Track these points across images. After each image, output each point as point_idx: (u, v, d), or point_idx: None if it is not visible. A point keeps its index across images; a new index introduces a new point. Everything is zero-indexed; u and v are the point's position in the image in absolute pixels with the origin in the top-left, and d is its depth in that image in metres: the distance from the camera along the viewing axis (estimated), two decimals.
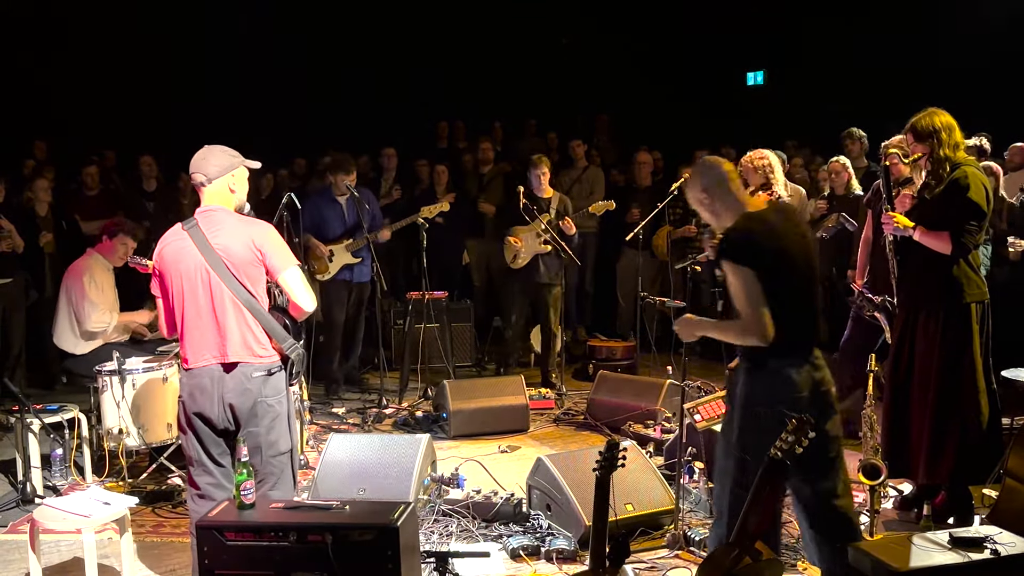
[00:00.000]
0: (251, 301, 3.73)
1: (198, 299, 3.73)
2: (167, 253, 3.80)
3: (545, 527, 4.69)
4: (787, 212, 3.64)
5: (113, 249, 6.41)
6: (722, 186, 3.55)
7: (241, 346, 3.73)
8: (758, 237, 3.43)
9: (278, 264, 3.78)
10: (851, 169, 7.30)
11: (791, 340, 3.42)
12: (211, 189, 3.81)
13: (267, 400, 3.77)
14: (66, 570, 4.46)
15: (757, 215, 3.51)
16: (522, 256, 7.58)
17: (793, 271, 3.46)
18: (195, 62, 10.43)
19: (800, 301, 3.48)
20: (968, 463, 4.53)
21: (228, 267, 3.71)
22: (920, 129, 4.49)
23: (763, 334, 3.38)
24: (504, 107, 11.05)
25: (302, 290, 3.81)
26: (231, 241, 3.73)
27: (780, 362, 3.42)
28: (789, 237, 3.47)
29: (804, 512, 3.58)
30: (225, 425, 3.77)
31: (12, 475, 5.61)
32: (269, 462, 3.80)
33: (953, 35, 9.28)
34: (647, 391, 6.52)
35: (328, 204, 7.43)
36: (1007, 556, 3.26)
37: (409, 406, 7.18)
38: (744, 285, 3.38)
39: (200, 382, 3.75)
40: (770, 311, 3.36)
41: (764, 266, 3.37)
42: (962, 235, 4.39)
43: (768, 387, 3.43)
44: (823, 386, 3.46)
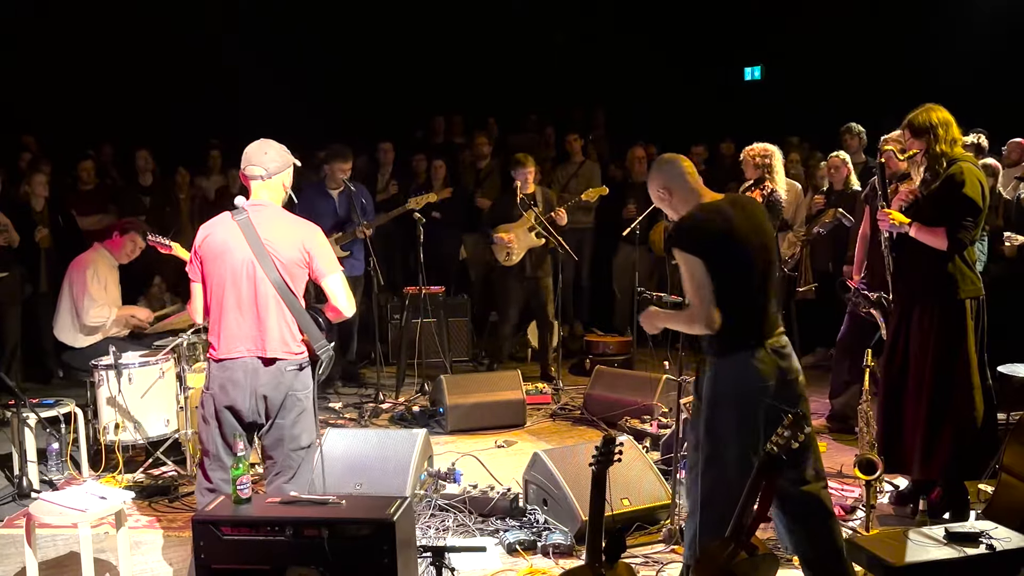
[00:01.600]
0: (292, 299, 3.76)
1: (240, 290, 3.74)
2: (213, 240, 3.79)
3: (542, 522, 4.69)
4: (743, 202, 3.64)
5: (121, 246, 6.42)
6: (681, 181, 3.59)
7: (279, 342, 3.75)
8: (708, 226, 3.45)
9: (324, 268, 3.82)
10: (850, 164, 7.30)
11: (749, 329, 3.44)
12: (267, 184, 3.84)
13: (297, 394, 3.79)
14: (62, 564, 4.46)
15: (710, 205, 3.53)
16: (516, 253, 7.59)
17: (746, 260, 3.46)
18: (192, 56, 10.39)
19: (756, 290, 3.48)
20: (962, 459, 4.54)
21: (275, 263, 3.72)
22: (917, 125, 4.49)
23: (708, 322, 3.41)
24: (501, 102, 11.04)
25: (344, 295, 3.85)
26: (281, 239, 3.75)
27: (741, 352, 3.43)
28: (742, 226, 3.47)
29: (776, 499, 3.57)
30: (255, 418, 3.78)
31: (8, 469, 5.60)
32: (289, 455, 3.81)
33: (951, 30, 9.29)
34: (643, 386, 6.53)
35: (321, 197, 7.38)
36: (1002, 551, 3.28)
37: (406, 401, 7.18)
38: (692, 273, 3.42)
39: (233, 375, 3.74)
40: (722, 300, 3.38)
41: (714, 255, 3.40)
42: (958, 231, 4.40)
43: (732, 378, 3.44)
44: (790, 375, 3.47)
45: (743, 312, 3.44)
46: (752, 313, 3.46)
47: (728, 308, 3.41)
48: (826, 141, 8.54)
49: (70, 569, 4.36)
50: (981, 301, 4.54)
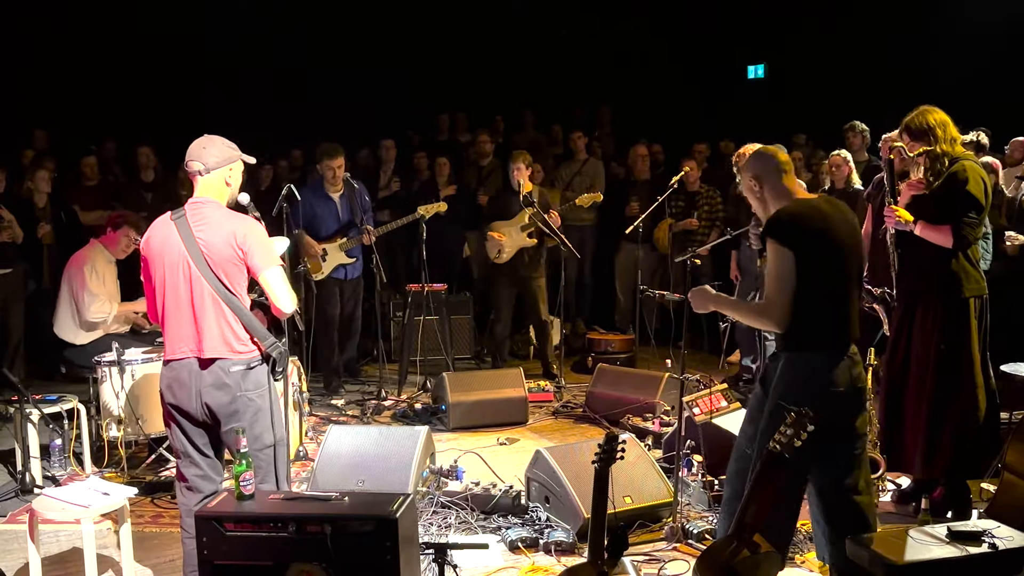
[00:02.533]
0: (230, 297, 3.69)
1: (178, 291, 3.71)
2: (153, 242, 3.78)
3: (544, 519, 4.69)
4: (838, 204, 3.59)
5: (116, 241, 6.41)
6: (775, 175, 3.55)
7: (219, 341, 3.70)
8: (806, 221, 3.40)
9: (259, 263, 3.72)
10: (851, 163, 7.28)
11: (829, 332, 3.41)
12: (207, 180, 3.77)
13: (247, 394, 3.73)
14: (65, 560, 4.46)
15: (808, 202, 3.50)
16: (507, 251, 7.60)
17: (838, 262, 3.43)
18: (195, 52, 10.40)
19: (841, 294, 3.45)
20: (965, 458, 4.54)
21: (208, 262, 3.67)
22: (915, 128, 4.49)
23: (780, 319, 3.37)
24: (504, 100, 11.03)
25: (283, 291, 3.75)
26: (214, 236, 3.68)
27: (817, 354, 3.40)
28: (840, 228, 3.44)
29: (821, 506, 3.57)
30: (203, 419, 3.76)
31: (11, 465, 5.61)
32: (256, 455, 3.76)
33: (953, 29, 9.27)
34: (646, 384, 6.53)
35: (321, 200, 7.27)
36: (1005, 550, 3.27)
37: (408, 398, 7.18)
38: (779, 266, 3.36)
39: (178, 375, 3.73)
40: (808, 298, 3.34)
41: (807, 251, 3.35)
42: (962, 228, 4.40)
43: (804, 379, 3.41)
44: (859, 382, 3.45)
45: (827, 312, 3.40)
46: (836, 315, 3.42)
47: (813, 306, 3.36)
48: (829, 139, 8.53)
49: (73, 565, 4.35)
50: (985, 300, 4.54)
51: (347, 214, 7.28)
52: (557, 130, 10.44)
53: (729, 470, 3.72)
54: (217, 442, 3.87)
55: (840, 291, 3.45)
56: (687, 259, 4.65)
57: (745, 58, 12.06)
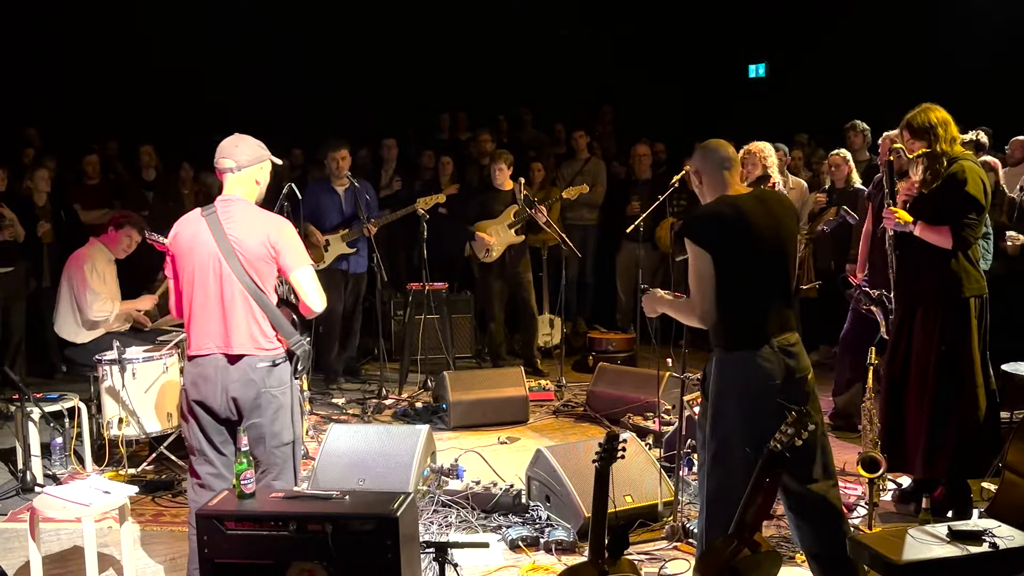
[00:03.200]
0: (259, 294, 3.73)
1: (207, 287, 3.73)
2: (182, 237, 3.79)
3: (544, 518, 4.70)
4: (768, 198, 3.59)
5: (117, 240, 6.41)
6: (714, 169, 3.55)
7: (247, 338, 3.73)
8: (721, 220, 3.42)
9: (291, 263, 3.77)
10: (851, 162, 7.28)
11: (755, 326, 3.42)
12: (238, 177, 3.80)
13: (271, 391, 3.76)
14: (66, 559, 4.47)
15: (730, 199, 3.49)
16: (495, 249, 7.64)
17: (758, 258, 3.43)
18: (195, 51, 10.40)
19: (765, 289, 3.46)
20: (965, 457, 4.54)
21: (240, 259, 3.70)
22: (916, 126, 4.48)
23: (703, 316, 3.42)
24: (506, 99, 11.02)
25: (313, 290, 3.80)
26: (246, 234, 3.72)
27: (746, 350, 3.42)
28: (760, 224, 3.43)
29: (783, 495, 3.59)
30: (227, 415, 3.77)
31: (12, 463, 5.62)
32: (272, 452, 3.80)
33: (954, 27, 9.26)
34: (646, 383, 6.52)
35: (326, 193, 7.41)
36: (1006, 549, 3.26)
37: (409, 397, 7.19)
38: (696, 265, 3.40)
39: (204, 371, 3.74)
40: (729, 295, 3.37)
41: (721, 249, 3.37)
42: (962, 229, 4.39)
43: (737, 375, 3.43)
44: (798, 373, 3.45)
45: (750, 309, 3.42)
46: (759, 310, 3.44)
47: (735, 304, 3.40)
48: (830, 138, 8.53)
49: (73, 563, 4.37)
50: (985, 299, 4.54)
51: (351, 207, 7.37)
52: (560, 129, 10.44)
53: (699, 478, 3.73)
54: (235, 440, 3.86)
55: (762, 287, 3.45)
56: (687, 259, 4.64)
57: (746, 57, 12.06)
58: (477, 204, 7.88)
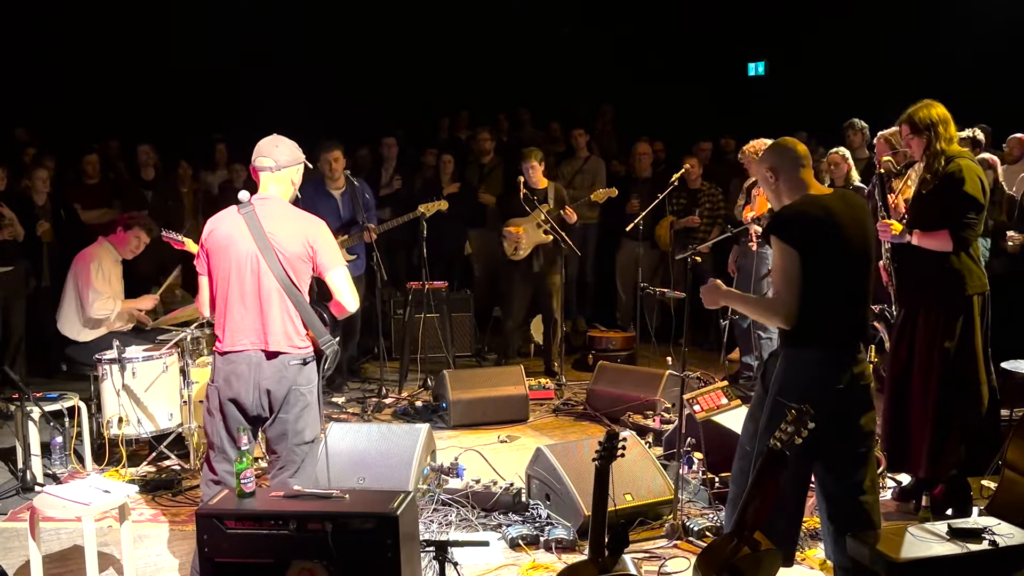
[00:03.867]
0: (296, 293, 3.76)
1: (244, 284, 3.75)
2: (219, 234, 3.81)
3: (544, 517, 4.70)
4: (851, 200, 3.55)
5: (126, 241, 6.43)
6: (791, 167, 3.52)
7: (282, 335, 3.76)
8: (811, 219, 3.39)
9: (327, 263, 3.83)
10: (851, 160, 7.27)
11: (832, 329, 3.39)
12: (276, 176, 3.86)
13: (300, 388, 3.80)
14: (66, 558, 4.47)
15: (817, 198, 3.46)
16: (523, 247, 7.60)
17: (844, 260, 3.40)
18: (195, 51, 10.39)
19: (846, 291, 3.43)
20: (969, 455, 4.53)
21: (279, 257, 3.74)
22: (917, 121, 4.47)
23: (788, 316, 3.36)
24: (506, 98, 11.02)
25: (347, 290, 3.86)
26: (285, 233, 3.76)
27: (818, 351, 3.39)
28: (847, 225, 3.40)
29: (826, 503, 3.56)
30: (258, 411, 3.79)
31: (12, 463, 5.61)
32: (293, 450, 3.83)
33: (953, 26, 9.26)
34: (646, 382, 6.53)
35: (322, 198, 7.23)
36: (1005, 547, 3.27)
37: (409, 396, 7.19)
38: (784, 264, 3.35)
39: (236, 368, 3.76)
40: (810, 295, 3.33)
41: (811, 249, 3.33)
42: (961, 229, 4.39)
43: (804, 376, 3.40)
44: (862, 380, 3.43)
45: (829, 309, 3.38)
46: (838, 312, 3.40)
47: (815, 303, 3.35)
48: (830, 136, 8.52)
49: (74, 562, 4.37)
50: (987, 296, 4.53)
51: (348, 211, 7.29)
52: (555, 127, 10.43)
53: (733, 468, 3.71)
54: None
55: (844, 289, 3.42)
56: (688, 256, 4.65)
57: (746, 55, 12.06)
58: (509, 201, 7.81)
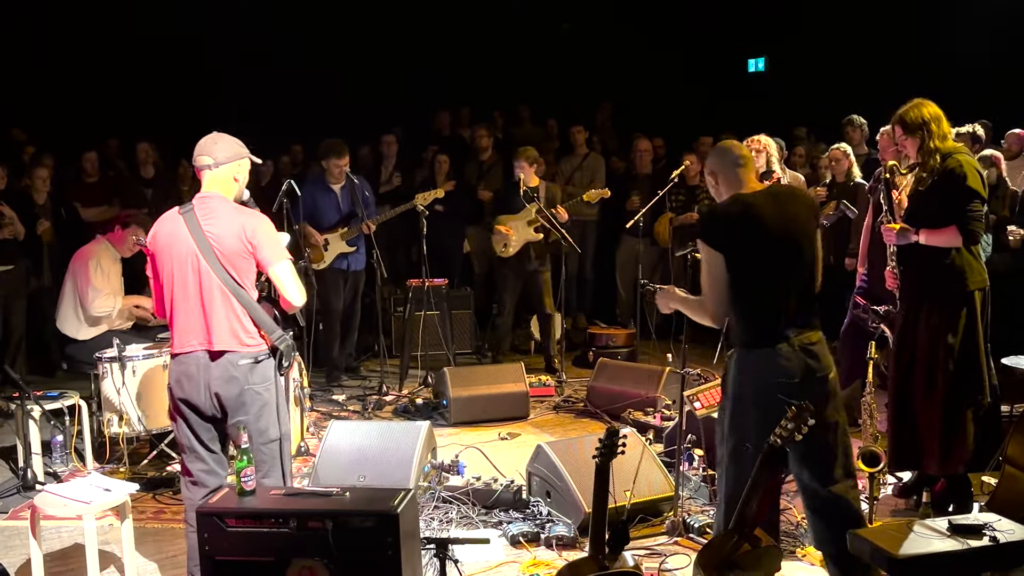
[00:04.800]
0: (239, 290, 3.72)
1: (187, 284, 3.73)
2: (160, 236, 3.80)
3: (545, 514, 4.70)
4: (781, 195, 3.56)
5: (124, 239, 6.43)
6: (729, 169, 3.55)
7: (228, 334, 3.72)
8: (730, 219, 3.42)
9: (268, 257, 3.76)
10: (852, 156, 7.28)
11: (774, 324, 3.41)
12: (215, 174, 3.81)
13: (255, 388, 3.76)
14: (67, 556, 4.47)
15: (742, 198, 3.48)
16: (513, 244, 7.62)
17: (771, 255, 3.41)
18: (194, 48, 10.38)
19: (781, 285, 3.44)
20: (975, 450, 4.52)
21: (217, 255, 3.70)
22: (909, 121, 4.46)
23: (716, 317, 3.43)
24: (504, 94, 11.01)
25: (292, 284, 3.79)
26: (223, 230, 3.71)
27: (765, 347, 3.41)
28: (770, 218, 3.41)
29: (803, 495, 3.60)
30: (212, 412, 3.78)
31: (13, 461, 5.62)
32: (260, 450, 3.79)
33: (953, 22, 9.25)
34: (647, 378, 6.53)
35: (323, 192, 7.36)
36: (1006, 543, 3.26)
37: (409, 393, 7.18)
38: (709, 266, 3.41)
39: (186, 369, 3.75)
40: (744, 294, 3.37)
41: (734, 249, 3.37)
42: (968, 223, 4.37)
43: (755, 373, 3.43)
44: (819, 372, 3.44)
45: (765, 307, 3.40)
46: (775, 308, 3.42)
47: (750, 302, 3.38)
48: (830, 133, 8.52)
49: (75, 561, 4.37)
50: (987, 292, 4.53)
51: (348, 205, 7.35)
52: (552, 124, 10.42)
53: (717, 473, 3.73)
54: (223, 437, 3.90)
55: (778, 284, 3.43)
56: (688, 253, 4.64)
57: (746, 51, 12.04)
58: (502, 198, 7.82)
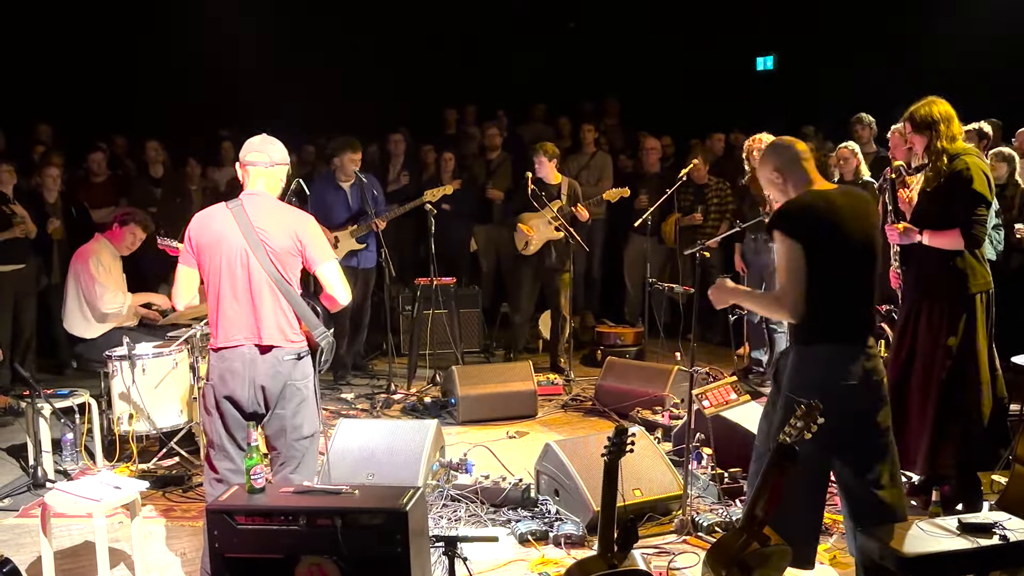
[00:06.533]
0: (286, 287, 3.77)
1: (236, 279, 3.76)
2: (207, 230, 3.81)
3: (553, 512, 4.70)
4: (855, 195, 3.55)
5: (122, 237, 6.44)
6: (795, 165, 3.53)
7: (275, 329, 3.76)
8: (815, 213, 3.39)
9: (317, 256, 3.83)
10: (860, 155, 7.26)
11: (840, 324, 3.38)
12: (268, 172, 3.86)
13: (296, 383, 3.80)
14: (77, 554, 4.49)
15: (821, 192, 3.46)
16: (534, 243, 7.60)
17: (848, 254, 3.40)
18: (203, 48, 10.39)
19: (852, 286, 3.42)
20: (973, 451, 4.51)
21: (267, 251, 3.74)
22: (919, 119, 4.45)
23: (794, 309, 3.36)
24: (512, 92, 11.01)
25: (338, 283, 3.86)
26: (274, 227, 3.77)
27: (829, 347, 3.38)
28: (850, 219, 3.40)
29: (847, 500, 3.56)
30: (255, 408, 3.79)
31: (23, 459, 5.64)
32: (292, 445, 3.83)
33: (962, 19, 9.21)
34: (655, 377, 6.52)
35: (332, 190, 7.37)
36: (1016, 542, 3.25)
37: (417, 392, 7.19)
38: (788, 258, 3.35)
39: (231, 365, 3.76)
40: (816, 289, 3.32)
41: (815, 243, 3.33)
42: (972, 227, 4.37)
43: (817, 373, 3.39)
44: (875, 375, 3.42)
45: (836, 304, 3.38)
46: (846, 307, 3.40)
47: (820, 298, 3.35)
48: (839, 131, 8.50)
49: (85, 558, 4.39)
50: (991, 294, 4.51)
51: (357, 203, 7.35)
52: (564, 123, 10.42)
53: (751, 470, 3.71)
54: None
55: (849, 284, 3.42)
56: (696, 251, 4.64)
57: (754, 49, 12.02)
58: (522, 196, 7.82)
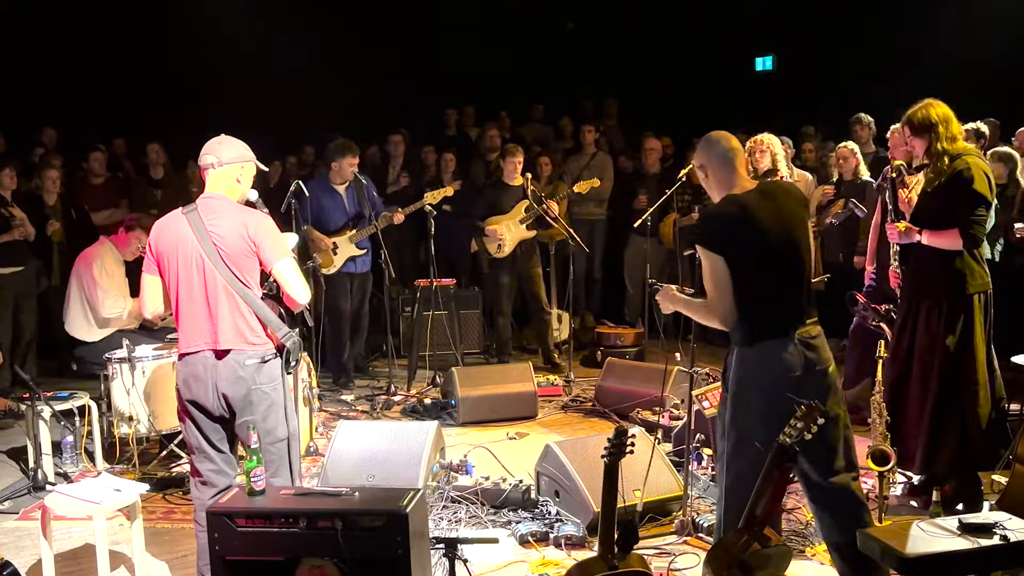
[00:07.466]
0: (243, 289, 3.74)
1: (192, 285, 3.75)
2: (164, 236, 3.82)
3: (554, 513, 4.70)
4: (773, 191, 3.55)
5: (127, 242, 6.46)
6: (719, 162, 3.52)
7: (233, 333, 3.74)
8: (730, 222, 3.41)
9: (271, 255, 3.78)
10: (859, 155, 7.27)
11: (774, 319, 3.42)
12: (218, 173, 3.83)
13: (262, 388, 3.77)
14: (77, 556, 4.49)
15: (734, 198, 3.46)
16: (507, 244, 7.63)
17: (769, 254, 3.42)
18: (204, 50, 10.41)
19: (779, 282, 3.45)
20: (970, 454, 4.51)
21: (222, 255, 3.72)
22: (917, 122, 4.44)
23: (724, 318, 3.41)
24: (511, 93, 11.01)
25: (296, 281, 3.80)
26: (226, 229, 3.74)
27: (764, 344, 3.42)
28: (767, 219, 3.42)
29: (806, 488, 3.60)
30: (220, 412, 3.79)
31: (23, 462, 5.64)
32: (267, 449, 3.81)
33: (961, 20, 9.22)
34: (655, 378, 6.51)
35: (327, 194, 7.28)
36: (1016, 542, 3.25)
37: (418, 393, 7.19)
38: (712, 269, 3.40)
39: (193, 370, 3.76)
40: (744, 291, 3.37)
41: (733, 252, 3.37)
42: (971, 227, 4.36)
43: (757, 368, 3.43)
44: (818, 365, 3.44)
45: (766, 304, 3.41)
46: (775, 304, 3.43)
47: (749, 301, 3.39)
48: (838, 131, 8.50)
49: (85, 561, 4.38)
50: (989, 295, 4.51)
51: (354, 206, 7.31)
52: (565, 123, 10.42)
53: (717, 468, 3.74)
54: (231, 437, 3.91)
55: (776, 280, 3.45)
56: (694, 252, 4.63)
57: (753, 50, 12.02)
58: (486, 200, 7.85)
